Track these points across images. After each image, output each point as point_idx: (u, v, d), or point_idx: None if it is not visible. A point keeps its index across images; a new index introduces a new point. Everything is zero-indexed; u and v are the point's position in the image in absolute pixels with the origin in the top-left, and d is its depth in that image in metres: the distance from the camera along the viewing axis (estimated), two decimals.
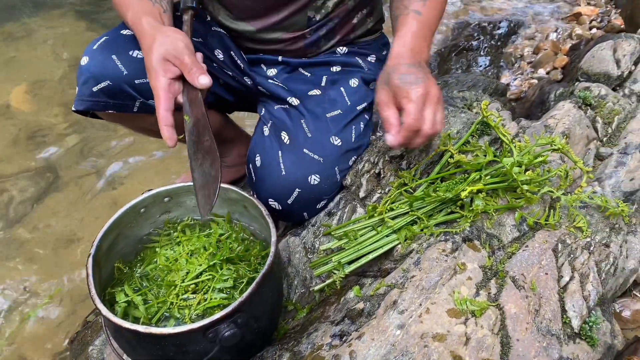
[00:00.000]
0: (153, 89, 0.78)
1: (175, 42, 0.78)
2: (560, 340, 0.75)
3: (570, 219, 0.89)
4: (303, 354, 0.77)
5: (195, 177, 0.78)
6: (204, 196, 0.76)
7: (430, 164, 0.96)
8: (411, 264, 0.82)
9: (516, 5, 2.76)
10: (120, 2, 0.88)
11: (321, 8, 1.01)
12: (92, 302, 0.74)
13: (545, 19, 2.64)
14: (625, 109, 1.32)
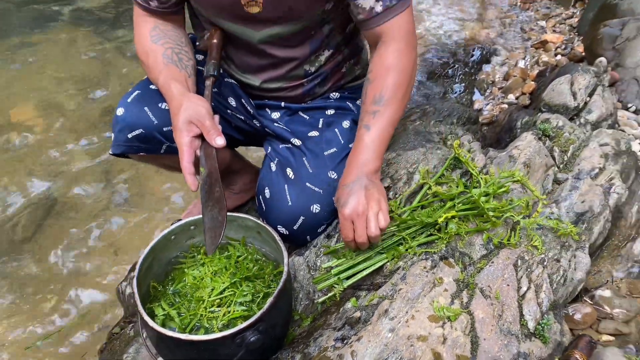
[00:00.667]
0: (178, 144, 0.95)
1: (198, 108, 0.96)
2: (518, 339, 0.93)
3: (528, 238, 1.08)
4: (312, 354, 0.94)
5: (205, 220, 0.95)
6: (211, 237, 0.93)
7: (413, 194, 1.14)
8: (398, 279, 0.99)
9: (489, 33, 2.98)
10: (151, 66, 1.05)
11: (315, 62, 1.19)
12: (140, 315, 0.90)
13: (516, 46, 2.87)
14: (579, 138, 1.52)
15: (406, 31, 1.06)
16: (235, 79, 1.22)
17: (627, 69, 2.14)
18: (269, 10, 1.03)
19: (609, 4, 2.70)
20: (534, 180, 1.32)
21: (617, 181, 1.36)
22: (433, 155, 1.22)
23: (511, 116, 1.97)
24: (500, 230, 1.08)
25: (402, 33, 1.05)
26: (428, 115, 1.94)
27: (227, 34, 1.11)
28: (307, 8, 1.05)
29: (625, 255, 1.34)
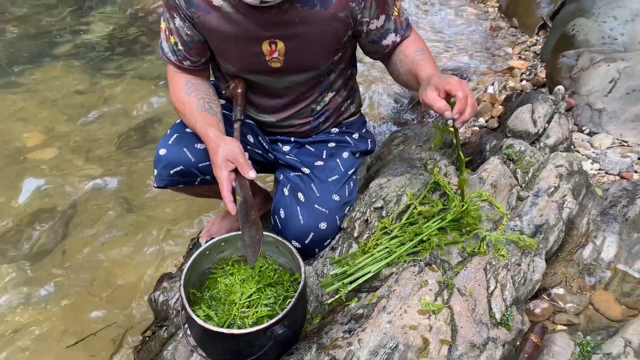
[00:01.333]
0: (218, 178, 1.19)
1: (232, 148, 1.19)
2: (488, 327, 1.18)
3: (495, 247, 1.34)
4: (325, 344, 1.18)
5: (245, 238, 1.18)
6: (251, 252, 1.16)
7: (401, 213, 1.39)
8: (392, 282, 1.24)
9: (460, 60, 3.27)
10: (188, 114, 1.29)
11: (320, 102, 1.44)
12: (188, 316, 1.13)
13: (485, 72, 3.15)
14: (538, 160, 1.79)
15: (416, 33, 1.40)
16: (253, 118, 1.46)
17: (581, 96, 2.43)
18: (288, 64, 1.28)
19: (567, 34, 3.01)
20: (500, 198, 1.58)
21: (569, 197, 1.63)
22: (417, 180, 1.48)
23: (481, 139, 2.25)
24: (472, 241, 1.33)
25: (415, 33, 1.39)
26: (409, 139, 2.20)
27: (251, 83, 1.35)
28: (320, 61, 1.31)
29: (576, 260, 1.61)
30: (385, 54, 1.40)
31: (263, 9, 1.18)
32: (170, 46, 1.33)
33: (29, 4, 3.71)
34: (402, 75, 1.36)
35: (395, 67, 1.39)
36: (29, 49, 3.31)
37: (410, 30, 1.39)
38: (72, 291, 1.87)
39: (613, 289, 1.53)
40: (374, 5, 1.27)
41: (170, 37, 1.32)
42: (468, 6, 3.93)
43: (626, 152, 2.12)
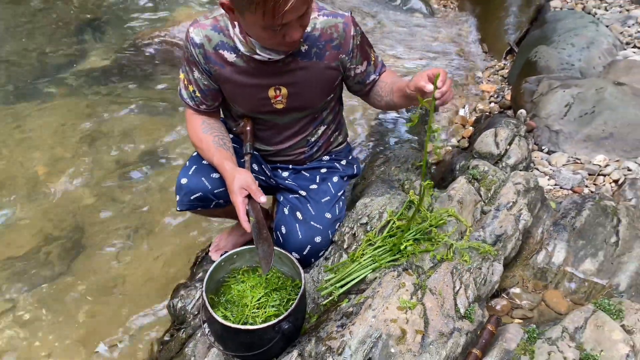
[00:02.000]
0: (234, 203, 1.44)
1: (246, 178, 1.46)
2: (454, 320, 1.46)
3: (460, 254, 1.62)
4: (322, 337, 1.44)
5: (259, 252, 1.44)
6: (265, 263, 1.43)
7: (383, 227, 1.67)
8: (376, 285, 1.51)
9: None
10: (205, 149, 1.55)
11: (314, 134, 1.72)
12: (210, 315, 1.38)
13: (457, 94, 3.45)
14: (500, 179, 2.07)
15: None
16: (257, 149, 1.73)
17: (541, 118, 2.73)
18: (290, 105, 1.56)
19: (531, 60, 3.34)
20: (466, 213, 1.86)
21: (524, 211, 1.92)
22: (395, 199, 1.75)
23: (452, 159, 2.54)
24: (441, 249, 1.61)
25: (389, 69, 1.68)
26: (390, 160, 2.48)
27: (257, 120, 1.63)
28: (317, 102, 1.59)
29: (532, 264, 1.89)
30: (366, 91, 1.70)
31: (270, 63, 1.46)
32: (189, 93, 1.59)
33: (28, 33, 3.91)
34: (385, 97, 1.66)
35: (377, 94, 1.69)
36: (31, 77, 3.50)
37: (385, 67, 1.71)
38: (89, 304, 2.10)
39: (562, 288, 1.81)
40: (358, 55, 1.57)
41: (188, 86, 1.58)
42: (443, 32, 4.25)
43: (578, 169, 2.43)
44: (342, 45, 1.52)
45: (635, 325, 1.42)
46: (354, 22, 1.53)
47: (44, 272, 2.23)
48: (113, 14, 4.23)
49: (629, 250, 1.87)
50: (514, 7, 4.06)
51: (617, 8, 3.94)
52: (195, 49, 1.50)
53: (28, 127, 3.05)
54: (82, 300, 2.11)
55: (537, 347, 1.38)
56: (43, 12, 4.13)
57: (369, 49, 1.64)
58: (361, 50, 1.58)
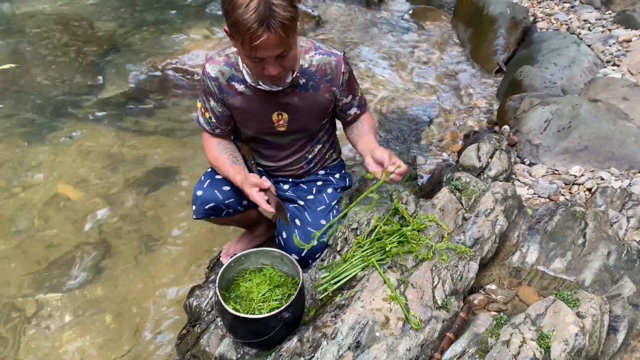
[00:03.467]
0: (253, 198, 1.66)
1: (251, 178, 1.70)
2: (432, 309, 1.69)
3: (439, 254, 1.85)
4: (319, 325, 1.67)
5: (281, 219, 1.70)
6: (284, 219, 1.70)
7: (371, 231, 1.91)
8: (365, 281, 1.74)
9: (429, 99, 3.83)
10: (221, 167, 1.80)
11: (311, 152, 1.98)
12: (223, 308, 1.62)
13: (449, 110, 3.70)
14: (480, 189, 2.30)
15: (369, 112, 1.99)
16: (261, 165, 1.98)
17: (523, 133, 2.97)
18: (290, 128, 1.82)
19: (516, 79, 3.59)
20: (448, 219, 2.09)
21: (500, 217, 2.14)
22: (382, 207, 2.00)
23: (441, 172, 2.78)
24: (423, 250, 1.85)
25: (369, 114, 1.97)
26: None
27: (262, 140, 1.89)
28: (313, 126, 1.86)
29: (507, 264, 2.11)
30: (348, 121, 1.97)
31: (273, 92, 1.72)
32: (206, 119, 1.85)
33: (51, 66, 4.22)
34: (353, 139, 1.96)
35: (351, 132, 1.98)
36: (49, 105, 3.78)
37: (366, 107, 1.99)
38: (114, 305, 2.35)
39: (534, 285, 2.04)
40: (346, 89, 1.84)
41: (205, 113, 1.84)
42: (436, 52, 4.52)
43: (554, 179, 2.66)
44: (334, 79, 1.79)
45: (588, 312, 1.64)
46: (345, 61, 1.79)
47: (70, 281, 2.49)
48: (127, 45, 4.54)
49: (594, 250, 2.09)
50: (503, 29, 4.33)
51: (599, 28, 4.19)
52: (211, 82, 1.76)
53: (52, 149, 3.33)
54: (106, 304, 2.36)
55: (502, 330, 1.61)
56: (64, 47, 4.44)
57: (356, 85, 1.91)
58: (348, 85, 1.84)
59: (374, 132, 1.91)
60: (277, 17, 1.39)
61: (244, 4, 1.38)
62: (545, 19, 4.51)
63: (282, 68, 1.57)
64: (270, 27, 1.40)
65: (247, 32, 1.41)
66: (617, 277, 2.00)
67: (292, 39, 1.49)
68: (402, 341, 1.58)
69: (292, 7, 1.43)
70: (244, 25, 1.40)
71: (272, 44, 1.44)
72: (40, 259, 2.58)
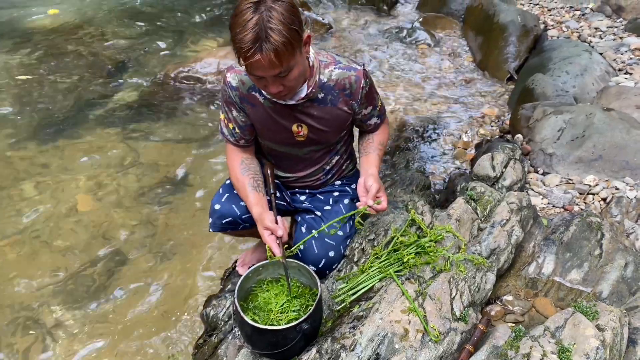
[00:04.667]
0: (266, 241, 1.68)
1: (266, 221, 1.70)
2: (450, 321, 1.69)
3: (457, 266, 1.85)
4: (337, 337, 1.67)
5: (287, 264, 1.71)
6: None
7: (388, 242, 1.91)
8: (383, 292, 1.75)
9: (440, 109, 3.83)
10: (241, 190, 1.80)
11: (329, 163, 1.98)
12: (242, 319, 1.62)
13: (461, 119, 3.71)
14: (495, 199, 2.30)
15: (387, 124, 2.01)
16: (279, 176, 1.99)
17: (536, 142, 2.97)
18: (310, 140, 1.83)
19: (528, 87, 3.59)
20: (464, 230, 2.10)
21: (516, 227, 2.14)
22: (399, 218, 2.00)
23: (454, 181, 2.78)
24: (440, 261, 1.85)
25: (386, 124, 1.98)
26: (396, 183, 2.73)
27: (280, 152, 1.90)
28: (332, 138, 1.87)
29: (523, 274, 2.11)
30: (365, 130, 2.00)
31: (291, 106, 1.73)
32: (230, 130, 1.86)
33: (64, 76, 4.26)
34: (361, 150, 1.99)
35: (362, 142, 2.01)
36: (63, 112, 3.81)
37: (385, 116, 2.00)
38: (131, 314, 2.36)
39: (551, 296, 2.03)
40: (366, 101, 1.84)
41: (228, 124, 1.85)
42: (447, 60, 4.53)
43: (569, 189, 2.66)
44: (353, 94, 1.79)
45: (608, 324, 1.64)
46: (364, 75, 1.79)
47: (85, 290, 2.50)
48: (139, 54, 4.58)
49: (611, 261, 2.08)
50: (513, 36, 4.33)
51: (611, 36, 4.19)
52: (232, 92, 1.78)
53: (66, 159, 3.36)
54: (122, 314, 2.37)
55: (522, 343, 1.60)
56: (77, 57, 4.49)
57: (376, 96, 1.91)
58: (367, 98, 1.85)
59: (380, 150, 1.94)
60: (271, 42, 1.41)
61: (243, 23, 1.41)
62: (556, 26, 4.51)
63: (283, 87, 1.57)
64: (263, 50, 1.41)
65: (241, 51, 1.44)
66: (635, 288, 2.00)
67: (290, 62, 1.49)
68: (422, 353, 1.58)
69: (291, 31, 1.44)
70: (239, 43, 1.43)
71: (265, 65, 1.45)
72: (56, 270, 2.59)
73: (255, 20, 1.40)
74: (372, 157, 1.91)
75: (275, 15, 1.41)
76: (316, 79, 1.72)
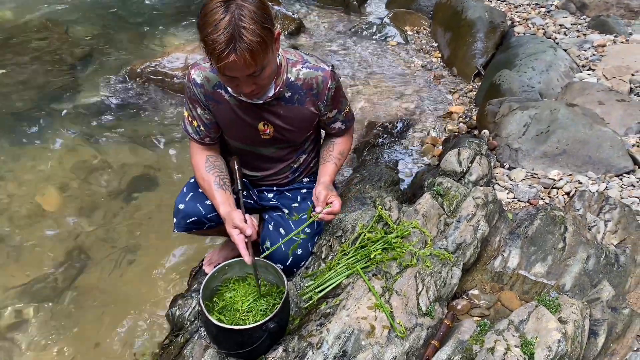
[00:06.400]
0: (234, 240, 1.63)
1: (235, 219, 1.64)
2: (417, 316, 1.69)
3: (423, 261, 1.86)
4: (304, 335, 1.66)
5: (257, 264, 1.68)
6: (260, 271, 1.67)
7: (356, 238, 1.91)
8: (350, 289, 1.74)
9: (409, 106, 3.85)
10: (207, 189, 1.76)
11: (297, 162, 1.97)
12: (206, 319, 1.60)
13: (429, 115, 3.73)
14: (461, 194, 2.32)
15: (351, 133, 1.98)
16: (247, 175, 1.97)
17: (502, 137, 3.01)
18: (274, 138, 1.81)
19: (495, 83, 3.63)
20: (430, 225, 2.10)
21: (482, 222, 2.16)
22: (366, 215, 2.00)
23: (422, 177, 2.80)
24: (407, 257, 1.85)
25: (350, 133, 1.96)
26: (365, 179, 2.73)
27: (247, 151, 1.87)
28: (298, 137, 1.85)
29: (489, 268, 2.13)
30: (331, 134, 1.98)
31: (258, 104, 1.71)
32: (194, 128, 1.82)
33: (26, 70, 4.14)
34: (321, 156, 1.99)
35: (324, 148, 2.00)
36: (25, 110, 3.69)
37: (351, 124, 1.99)
38: (95, 317, 2.31)
39: (516, 289, 2.06)
40: (331, 103, 1.82)
41: (193, 121, 1.81)
42: (415, 57, 4.55)
43: (534, 184, 2.70)
44: (319, 94, 1.77)
45: (569, 317, 1.67)
46: (332, 76, 1.77)
47: (51, 292, 2.44)
48: (104, 49, 4.47)
49: (574, 254, 2.12)
50: (481, 33, 4.38)
51: (575, 33, 4.27)
52: (197, 89, 1.74)
53: (29, 158, 3.26)
54: (88, 315, 2.32)
55: (487, 337, 1.62)
56: (39, 51, 4.36)
57: (343, 100, 1.89)
58: (333, 100, 1.82)
59: (339, 159, 1.93)
60: (245, 41, 1.38)
61: (214, 23, 1.37)
62: (522, 23, 4.58)
63: (256, 86, 1.55)
64: (237, 50, 1.38)
65: (214, 53, 1.40)
66: (596, 280, 2.04)
67: (264, 61, 1.47)
68: (388, 350, 1.58)
69: (264, 30, 1.41)
70: (211, 44, 1.39)
71: (239, 66, 1.42)
72: (20, 271, 2.52)
73: (227, 20, 1.36)
74: (328, 166, 1.91)
75: (247, 13, 1.38)
76: (284, 78, 1.70)
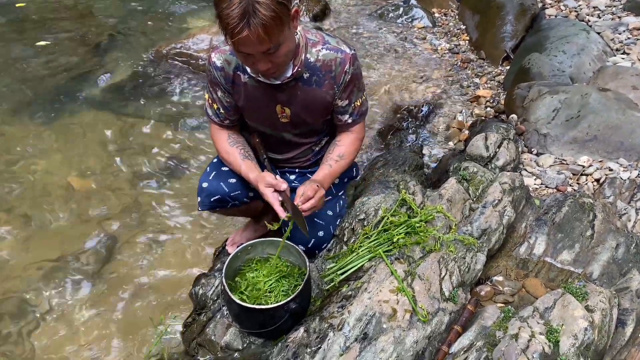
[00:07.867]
0: (267, 198, 1.65)
1: (267, 177, 1.67)
2: (439, 301, 1.68)
3: (447, 246, 1.84)
4: (325, 316, 1.66)
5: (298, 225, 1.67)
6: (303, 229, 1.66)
7: (378, 223, 1.89)
8: (372, 272, 1.73)
9: (435, 90, 3.79)
10: (233, 161, 1.77)
11: (318, 144, 1.95)
12: (229, 298, 1.61)
13: (456, 100, 3.66)
14: (488, 179, 2.28)
15: (359, 131, 1.90)
16: (268, 157, 1.96)
17: (530, 122, 2.94)
18: (293, 122, 1.79)
19: (524, 67, 3.54)
20: (455, 210, 2.08)
21: (508, 208, 2.13)
22: (389, 198, 1.98)
23: (447, 161, 2.76)
24: (430, 241, 1.83)
25: (358, 130, 1.89)
26: (389, 163, 2.70)
27: (268, 134, 1.86)
28: (316, 121, 1.82)
29: (514, 255, 2.10)
30: (338, 125, 1.90)
31: (275, 85, 1.69)
32: (214, 111, 1.83)
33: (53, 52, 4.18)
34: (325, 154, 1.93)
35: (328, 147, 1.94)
36: (54, 90, 3.73)
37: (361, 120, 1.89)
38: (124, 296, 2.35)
39: (541, 276, 2.03)
40: (344, 90, 1.76)
41: (213, 104, 1.81)
42: (442, 40, 4.47)
43: (562, 170, 2.64)
44: (336, 77, 1.73)
45: (597, 306, 1.63)
46: (351, 61, 1.72)
47: (80, 273, 2.48)
48: (129, 30, 4.49)
49: (602, 242, 2.08)
50: (511, 15, 4.27)
51: (609, 15, 4.13)
52: (217, 72, 1.74)
53: (59, 139, 3.30)
54: (117, 295, 2.36)
55: (511, 324, 1.60)
56: (66, 32, 4.41)
57: (358, 91, 1.82)
58: (348, 87, 1.76)
59: (336, 162, 1.85)
60: (259, 16, 1.35)
61: None
62: (554, 5, 4.44)
63: (272, 64, 1.53)
64: (251, 25, 1.36)
65: (227, 27, 1.38)
66: (625, 269, 1.99)
67: (279, 37, 1.44)
68: (410, 333, 1.57)
69: (279, 5, 1.38)
70: (225, 19, 1.37)
71: (253, 41, 1.40)
72: (50, 252, 2.56)
73: None
74: (323, 168, 1.85)
75: None
76: (302, 58, 1.67)
